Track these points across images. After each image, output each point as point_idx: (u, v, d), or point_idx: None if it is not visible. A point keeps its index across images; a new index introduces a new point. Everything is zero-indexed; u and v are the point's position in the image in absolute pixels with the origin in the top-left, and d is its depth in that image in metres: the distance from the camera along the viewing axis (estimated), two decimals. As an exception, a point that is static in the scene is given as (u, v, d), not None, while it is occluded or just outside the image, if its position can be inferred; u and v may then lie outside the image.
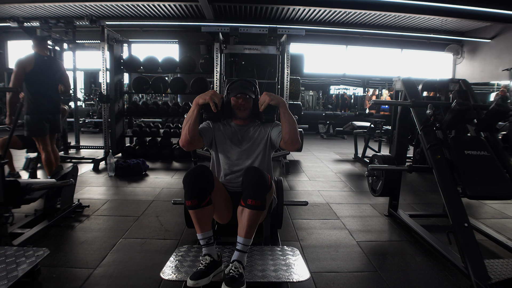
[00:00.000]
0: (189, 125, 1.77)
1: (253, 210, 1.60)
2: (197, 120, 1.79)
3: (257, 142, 1.95)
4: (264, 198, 1.62)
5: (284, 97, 5.07)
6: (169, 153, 5.66)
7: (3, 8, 8.84)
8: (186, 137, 1.78)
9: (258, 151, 1.94)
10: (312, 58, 10.85)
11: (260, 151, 1.94)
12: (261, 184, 1.62)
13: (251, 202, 1.59)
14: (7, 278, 1.59)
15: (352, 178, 4.62)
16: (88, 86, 11.90)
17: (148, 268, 2.03)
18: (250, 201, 1.59)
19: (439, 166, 2.21)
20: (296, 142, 1.79)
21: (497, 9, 7.88)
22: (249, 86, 1.96)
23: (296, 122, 1.83)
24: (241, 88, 1.92)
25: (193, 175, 1.63)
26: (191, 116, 1.78)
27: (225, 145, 1.95)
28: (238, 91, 1.92)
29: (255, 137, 1.96)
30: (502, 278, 1.74)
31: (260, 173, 1.65)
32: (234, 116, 2.00)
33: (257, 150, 1.94)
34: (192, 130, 1.77)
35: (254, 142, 1.95)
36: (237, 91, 1.92)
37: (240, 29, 4.96)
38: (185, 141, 1.79)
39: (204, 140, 1.90)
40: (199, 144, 1.88)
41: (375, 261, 2.22)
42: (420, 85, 2.96)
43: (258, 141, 1.95)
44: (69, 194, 2.86)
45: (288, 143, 1.79)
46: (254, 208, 1.60)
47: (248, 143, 1.95)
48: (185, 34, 10.61)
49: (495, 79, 9.90)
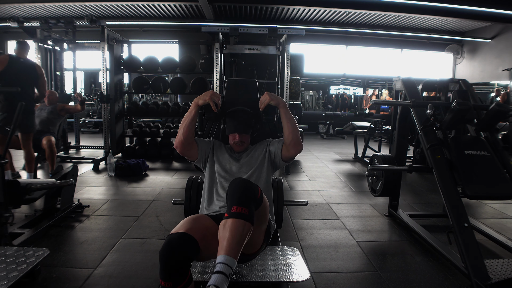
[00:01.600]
0: (185, 125, 1.71)
1: (238, 219, 1.29)
2: (194, 120, 1.73)
3: (255, 157, 1.85)
4: (251, 208, 1.35)
5: (284, 97, 5.07)
6: (169, 153, 5.66)
7: (3, 8, 8.84)
8: (180, 137, 1.72)
9: (256, 165, 1.81)
10: (312, 58, 10.85)
11: (258, 166, 1.81)
12: (248, 192, 1.37)
13: (235, 209, 1.30)
14: (7, 278, 1.59)
15: (352, 178, 4.62)
16: (88, 86, 11.90)
17: (148, 268, 2.03)
18: (235, 208, 1.31)
19: (439, 166, 2.21)
20: (299, 144, 1.74)
21: (497, 9, 7.88)
22: (247, 120, 1.83)
23: (296, 122, 1.82)
24: (238, 125, 1.80)
25: (169, 250, 1.25)
26: (188, 115, 1.73)
27: (222, 164, 1.82)
28: (234, 129, 1.81)
29: (255, 156, 1.85)
30: (502, 278, 1.74)
31: (247, 182, 1.41)
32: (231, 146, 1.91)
33: (255, 164, 1.81)
34: (187, 131, 1.71)
35: (251, 159, 1.84)
36: (233, 129, 1.81)
37: (240, 29, 4.96)
38: (178, 141, 1.73)
39: (199, 149, 1.81)
40: (192, 150, 1.79)
41: (375, 261, 2.22)
42: (420, 85, 2.96)
43: (255, 156, 1.85)
44: (69, 194, 2.86)
45: (291, 145, 1.73)
46: (239, 216, 1.30)
47: (248, 165, 1.82)
48: (185, 34, 10.61)
49: (495, 79, 9.89)
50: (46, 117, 4.15)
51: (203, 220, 1.45)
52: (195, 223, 1.38)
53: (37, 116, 4.17)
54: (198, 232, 1.33)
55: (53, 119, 4.21)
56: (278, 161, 1.83)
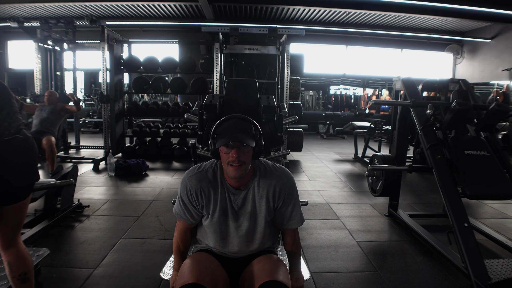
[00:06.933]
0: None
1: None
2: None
3: (259, 210, 1.31)
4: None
5: (284, 97, 5.07)
6: (169, 153, 5.67)
7: (3, 8, 8.83)
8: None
9: (261, 225, 1.32)
10: (312, 58, 10.84)
11: (263, 224, 1.33)
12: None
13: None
14: (7, 278, 1.58)
15: (352, 178, 4.62)
16: (88, 86, 11.89)
17: (148, 268, 2.03)
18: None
19: (439, 166, 2.21)
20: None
21: (497, 9, 7.87)
22: (246, 127, 1.23)
23: (296, 122, 1.79)
24: (234, 130, 1.20)
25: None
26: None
27: (214, 226, 1.32)
28: (228, 137, 1.19)
29: (256, 207, 1.31)
30: (502, 278, 1.74)
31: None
32: (226, 171, 1.26)
33: (260, 224, 1.32)
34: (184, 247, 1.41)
35: (253, 214, 1.31)
36: (227, 138, 1.19)
37: (240, 29, 4.97)
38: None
39: (197, 218, 1.37)
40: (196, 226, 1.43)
41: (375, 261, 2.22)
42: (420, 85, 2.96)
43: (259, 208, 1.31)
44: (69, 194, 2.86)
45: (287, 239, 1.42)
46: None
47: (247, 220, 1.31)
48: (185, 34, 10.60)
49: (495, 79, 9.88)
50: (46, 117, 4.15)
51: (209, 263, 1.30)
52: (203, 269, 1.23)
53: (37, 116, 4.17)
54: (207, 278, 1.20)
55: (53, 119, 4.21)
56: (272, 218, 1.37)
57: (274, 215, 1.34)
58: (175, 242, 1.42)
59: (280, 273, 1.24)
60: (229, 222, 1.31)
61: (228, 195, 1.29)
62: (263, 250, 1.39)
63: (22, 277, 1.40)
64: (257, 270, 1.26)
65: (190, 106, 6.01)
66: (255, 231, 1.32)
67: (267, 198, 1.30)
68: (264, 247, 1.39)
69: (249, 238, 1.32)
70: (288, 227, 1.37)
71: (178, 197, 1.35)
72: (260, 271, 1.24)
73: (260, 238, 1.33)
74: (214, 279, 1.22)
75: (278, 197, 1.31)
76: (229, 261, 1.37)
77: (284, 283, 1.19)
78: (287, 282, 1.22)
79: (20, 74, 10.80)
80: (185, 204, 1.32)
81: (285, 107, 2.60)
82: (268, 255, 1.35)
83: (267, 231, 1.35)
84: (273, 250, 1.46)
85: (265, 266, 1.26)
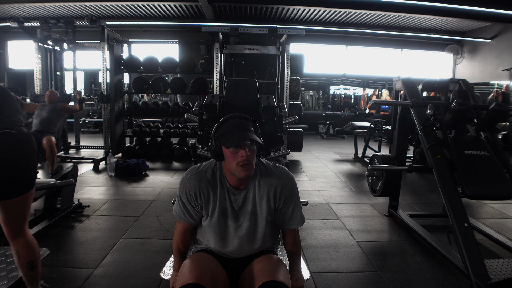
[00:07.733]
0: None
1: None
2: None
3: (259, 210, 1.31)
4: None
5: (284, 97, 5.07)
6: (169, 153, 5.67)
7: (3, 8, 8.83)
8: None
9: (262, 225, 1.32)
10: (312, 58, 10.84)
11: (264, 224, 1.32)
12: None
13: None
14: (7, 278, 1.59)
15: (352, 178, 4.62)
16: (88, 86, 11.89)
17: (148, 268, 2.03)
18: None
19: (439, 166, 2.21)
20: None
21: (497, 9, 7.87)
22: (249, 125, 1.23)
23: (296, 122, 1.78)
24: (240, 130, 1.19)
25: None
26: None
27: (214, 226, 1.31)
28: (238, 137, 1.17)
29: (256, 207, 1.30)
30: (502, 278, 1.74)
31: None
32: (230, 170, 1.23)
33: (260, 225, 1.32)
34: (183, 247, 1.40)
35: (253, 214, 1.30)
36: (237, 138, 1.17)
37: (240, 29, 4.97)
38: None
39: (197, 220, 1.37)
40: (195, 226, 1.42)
41: (375, 261, 2.22)
42: (420, 85, 2.97)
43: (259, 208, 1.30)
44: (69, 194, 2.86)
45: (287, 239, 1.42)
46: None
47: (247, 220, 1.30)
48: (185, 34, 10.61)
49: (495, 79, 9.89)
50: (46, 117, 4.15)
51: (209, 263, 1.29)
52: (203, 270, 1.23)
53: (38, 116, 4.17)
54: (207, 278, 1.20)
55: (54, 118, 4.20)
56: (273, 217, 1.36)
57: (274, 215, 1.34)
58: (175, 242, 1.42)
59: (280, 273, 1.24)
60: (229, 222, 1.30)
61: (228, 195, 1.29)
62: (263, 250, 1.39)
63: (30, 265, 1.48)
64: (257, 270, 1.26)
65: (190, 106, 6.01)
66: (256, 231, 1.32)
67: (267, 198, 1.29)
68: (264, 247, 1.39)
69: (250, 238, 1.32)
70: (289, 227, 1.37)
71: (177, 197, 1.35)
72: (260, 271, 1.24)
73: (260, 238, 1.33)
74: (214, 279, 1.22)
75: (279, 197, 1.30)
76: (229, 261, 1.37)
77: (284, 283, 1.19)
78: (287, 282, 1.22)
79: (20, 74, 10.80)
80: (184, 204, 1.32)
81: (285, 107, 2.60)
82: (268, 255, 1.35)
83: (268, 231, 1.34)
84: (273, 250, 1.46)
85: (265, 266, 1.26)
